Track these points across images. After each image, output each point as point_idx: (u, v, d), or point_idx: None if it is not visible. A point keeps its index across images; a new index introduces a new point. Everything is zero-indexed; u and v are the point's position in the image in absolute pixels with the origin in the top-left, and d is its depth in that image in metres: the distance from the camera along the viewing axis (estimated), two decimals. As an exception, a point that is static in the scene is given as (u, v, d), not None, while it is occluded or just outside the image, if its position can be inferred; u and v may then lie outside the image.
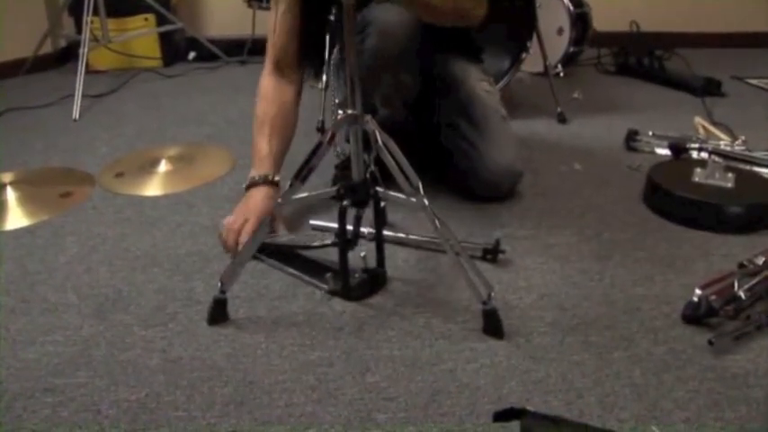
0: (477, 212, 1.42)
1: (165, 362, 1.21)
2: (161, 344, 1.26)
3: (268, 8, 2.70)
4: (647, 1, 3.48)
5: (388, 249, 1.52)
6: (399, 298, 1.40)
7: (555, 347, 1.24)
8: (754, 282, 1.35)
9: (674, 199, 1.73)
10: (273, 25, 1.73)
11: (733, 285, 1.33)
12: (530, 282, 1.45)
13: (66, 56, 3.52)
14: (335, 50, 1.96)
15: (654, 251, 1.58)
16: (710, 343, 1.21)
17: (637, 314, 1.34)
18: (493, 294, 1.26)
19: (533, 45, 2.49)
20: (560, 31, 3.01)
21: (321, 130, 2.30)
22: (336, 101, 2.01)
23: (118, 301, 1.40)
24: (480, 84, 1.84)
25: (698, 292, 1.31)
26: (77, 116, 2.63)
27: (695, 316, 1.29)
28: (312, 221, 1.69)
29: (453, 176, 1.86)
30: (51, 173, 2.12)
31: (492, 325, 1.27)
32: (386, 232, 1.59)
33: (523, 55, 2.44)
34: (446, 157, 1.86)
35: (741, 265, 1.42)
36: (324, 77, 2.31)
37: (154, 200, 1.89)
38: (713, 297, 1.29)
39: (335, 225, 1.63)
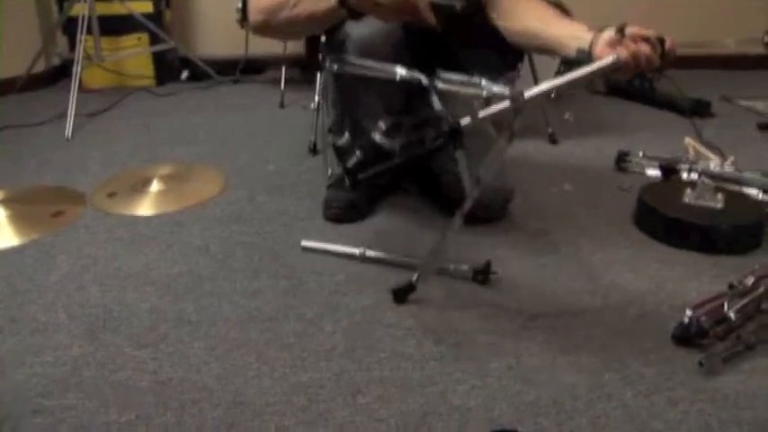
0: (467, 233, 1.42)
1: (155, 383, 1.21)
2: (152, 365, 1.26)
3: (253, 32, 2.73)
4: (637, 22, 3.51)
5: (378, 273, 1.53)
6: (390, 320, 1.39)
7: (546, 369, 1.24)
8: (744, 302, 1.35)
9: (664, 220, 1.74)
10: None
11: (723, 306, 1.33)
12: (520, 303, 1.45)
13: (60, 74, 3.52)
14: (324, 73, 1.95)
15: (644, 272, 1.58)
16: (701, 364, 1.22)
17: (628, 335, 1.34)
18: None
19: (524, 66, 2.51)
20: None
21: (314, 150, 2.30)
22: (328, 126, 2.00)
23: (109, 321, 1.40)
24: None
25: (688, 312, 1.31)
26: (70, 135, 2.62)
27: (686, 337, 1.29)
28: (304, 243, 1.68)
29: (441, 196, 1.87)
30: (43, 191, 2.12)
31: None
32: (375, 254, 1.61)
33: (514, 73, 2.45)
34: (435, 177, 1.87)
35: (731, 286, 1.42)
36: (316, 99, 2.32)
37: (146, 219, 1.89)
38: (703, 318, 1.29)
39: (328, 246, 1.66)
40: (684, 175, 2.06)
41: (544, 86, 1.31)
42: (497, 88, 1.27)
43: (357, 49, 1.58)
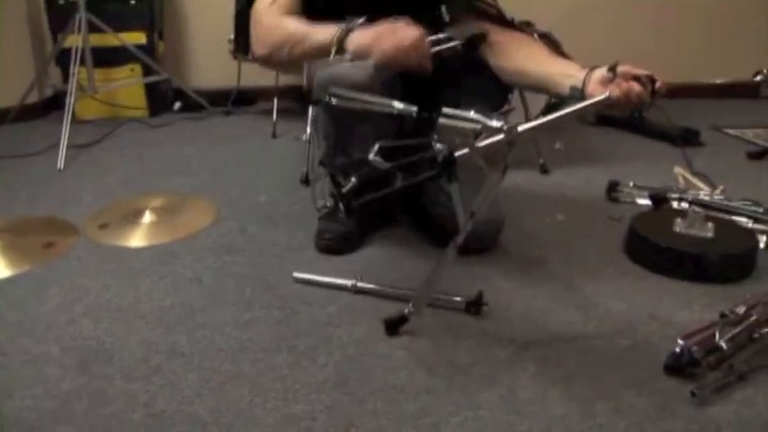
0: (459, 264, 1.43)
1: (147, 416, 1.20)
2: (144, 397, 1.25)
3: (253, 60, 2.76)
4: (625, 52, 3.55)
5: (370, 304, 1.53)
6: (382, 351, 1.39)
7: (538, 399, 1.24)
8: (735, 331, 1.35)
9: (654, 249, 1.75)
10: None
11: (715, 335, 1.34)
12: (513, 333, 1.45)
13: (53, 105, 3.53)
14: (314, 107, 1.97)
15: (636, 301, 1.59)
16: (693, 394, 1.22)
17: (620, 365, 1.34)
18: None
19: (515, 97, 2.53)
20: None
21: (306, 181, 2.31)
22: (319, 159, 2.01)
23: (100, 354, 1.39)
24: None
25: (680, 342, 1.32)
26: (62, 165, 2.63)
27: (677, 366, 1.29)
28: (296, 274, 1.68)
29: (433, 228, 1.87)
30: (35, 222, 2.11)
31: None
32: (367, 285, 1.61)
33: (506, 107, 2.47)
34: (427, 209, 1.87)
35: (722, 315, 1.43)
36: (308, 130, 2.33)
37: (138, 251, 1.89)
38: (695, 347, 1.30)
39: (320, 278, 1.66)
40: (675, 205, 2.08)
41: (537, 121, 1.33)
42: (491, 122, 1.28)
43: (351, 86, 1.58)
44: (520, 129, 1.28)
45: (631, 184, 2.28)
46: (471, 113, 1.31)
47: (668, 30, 3.91)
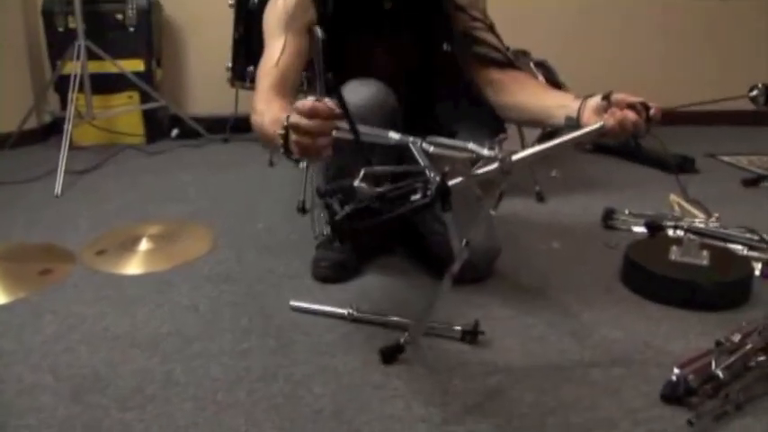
0: (455, 292, 1.43)
1: (142, 446, 1.20)
2: (138, 427, 1.24)
3: (251, 88, 2.78)
4: (621, 79, 3.58)
5: (367, 333, 1.53)
6: (378, 381, 1.39)
7: (535, 429, 1.23)
8: (731, 360, 1.35)
9: (650, 277, 1.75)
10: (275, 58, 1.67)
11: (711, 364, 1.34)
12: (509, 363, 1.45)
13: (51, 131, 3.55)
14: None
15: (632, 330, 1.59)
16: (690, 423, 1.21)
17: (616, 395, 1.34)
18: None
19: (510, 125, 2.54)
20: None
21: (302, 210, 2.31)
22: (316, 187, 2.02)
23: (95, 383, 1.38)
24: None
25: (676, 371, 1.31)
26: (60, 191, 2.64)
27: (674, 396, 1.29)
28: (292, 302, 1.68)
29: (429, 257, 1.88)
30: (31, 249, 2.11)
31: None
32: (364, 315, 1.61)
33: (501, 135, 2.49)
34: (423, 238, 1.88)
35: (718, 343, 1.43)
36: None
37: (134, 278, 1.89)
38: (691, 376, 1.29)
39: (317, 307, 1.66)
40: (670, 232, 2.09)
41: (532, 150, 1.34)
42: (486, 152, 1.29)
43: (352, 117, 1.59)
44: (514, 158, 1.28)
45: (627, 211, 2.29)
46: (468, 144, 1.31)
47: (662, 56, 3.96)
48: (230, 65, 3.07)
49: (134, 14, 3.41)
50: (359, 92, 1.67)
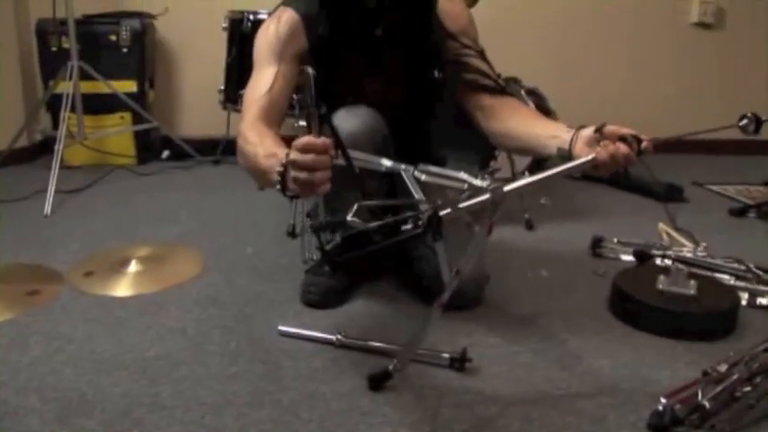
0: (444, 319, 1.43)
1: (127, 471, 1.19)
2: (124, 452, 1.24)
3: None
4: (611, 108, 3.62)
5: (355, 359, 1.53)
6: (366, 407, 1.38)
7: (522, 458, 1.24)
8: (718, 390, 1.35)
9: (638, 306, 1.76)
10: (266, 85, 1.68)
11: (697, 394, 1.34)
12: (496, 391, 1.45)
13: (42, 150, 3.54)
14: None
15: (619, 359, 1.59)
16: (676, 454, 1.22)
17: (603, 423, 1.34)
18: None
19: (501, 155, 2.57)
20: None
21: (292, 234, 2.31)
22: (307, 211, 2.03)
23: (82, 405, 1.37)
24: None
25: (663, 400, 1.32)
26: (49, 211, 2.63)
27: (661, 425, 1.29)
28: (281, 327, 1.68)
29: (419, 282, 1.88)
30: (19, 269, 2.10)
31: None
32: (352, 341, 1.61)
33: (492, 162, 2.51)
34: (413, 265, 1.88)
35: (705, 373, 1.43)
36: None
37: (123, 300, 1.88)
38: (678, 406, 1.30)
39: (305, 332, 1.66)
40: (658, 261, 2.10)
41: (523, 181, 1.35)
42: (477, 181, 1.30)
43: (346, 137, 1.59)
44: (505, 189, 1.29)
45: (615, 239, 2.30)
46: (460, 173, 1.32)
47: (650, 85, 4.01)
48: (222, 87, 3.09)
49: (128, 36, 3.42)
50: (350, 119, 1.68)
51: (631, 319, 1.77)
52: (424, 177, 1.34)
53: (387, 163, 1.40)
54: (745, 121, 1.41)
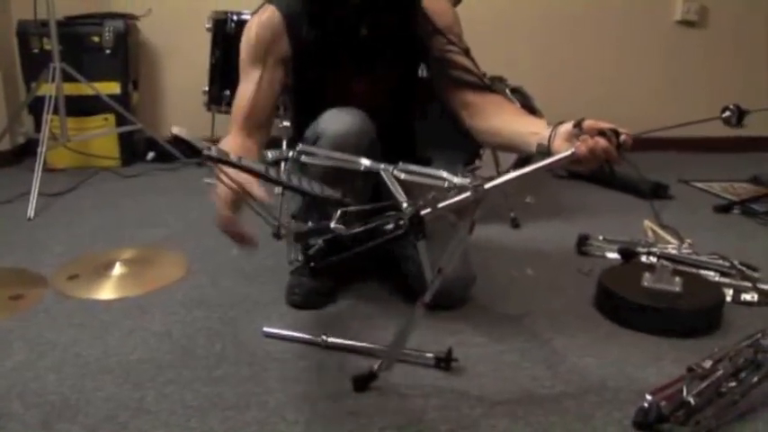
0: (429, 319, 1.44)
1: (111, 476, 1.18)
2: (108, 457, 1.23)
3: (227, 111, 2.77)
4: (597, 106, 3.63)
5: (340, 360, 1.53)
6: (351, 408, 1.38)
7: (508, 458, 1.24)
8: (702, 386, 1.35)
9: (623, 304, 1.76)
10: (249, 91, 1.74)
11: (682, 390, 1.34)
12: (482, 390, 1.45)
13: (25, 153, 3.51)
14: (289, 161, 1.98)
15: (605, 357, 1.60)
16: (662, 450, 1.22)
17: (590, 421, 1.34)
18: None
19: (486, 152, 2.57)
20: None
21: (278, 235, 2.29)
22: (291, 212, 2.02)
23: (65, 410, 1.36)
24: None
25: (648, 397, 1.32)
26: (32, 214, 2.61)
27: (646, 422, 1.30)
28: (266, 329, 1.68)
29: (404, 282, 1.88)
30: (2, 273, 2.08)
31: None
32: (337, 341, 1.61)
33: (476, 161, 2.51)
34: (398, 265, 1.88)
35: (690, 370, 1.43)
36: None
37: (107, 304, 1.87)
38: (663, 403, 1.30)
39: (290, 333, 1.65)
40: (643, 259, 2.11)
41: (504, 178, 1.34)
42: (459, 180, 1.30)
43: (331, 146, 1.60)
44: (486, 186, 1.29)
45: (601, 237, 2.31)
46: (440, 172, 1.32)
47: (636, 82, 4.03)
48: (207, 89, 3.08)
49: (111, 37, 3.39)
50: (337, 120, 1.68)
51: (617, 316, 1.77)
52: (403, 176, 1.33)
53: (365, 162, 1.40)
54: (727, 113, 1.41)
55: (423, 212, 1.25)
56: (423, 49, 1.79)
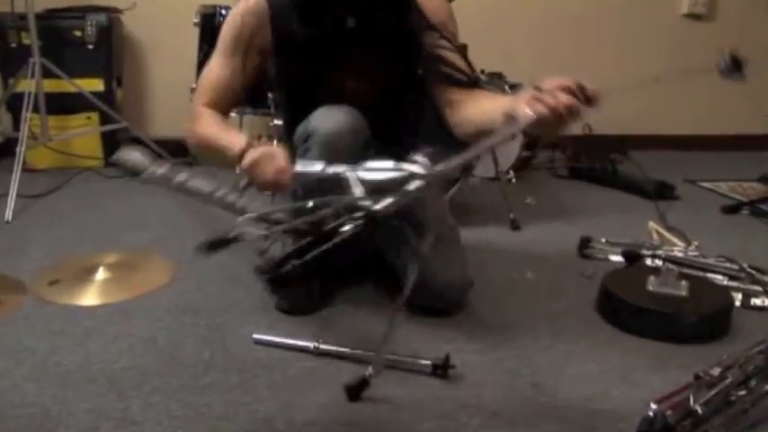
0: (425, 325, 1.40)
1: (93, 493, 1.13)
2: (91, 471, 1.18)
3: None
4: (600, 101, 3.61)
5: (333, 367, 1.50)
6: (344, 418, 1.35)
7: (510, 470, 1.20)
8: (710, 394, 1.31)
9: (627, 308, 1.73)
10: (225, 75, 1.79)
11: (689, 399, 1.30)
12: (481, 398, 1.42)
13: (2, 153, 3.43)
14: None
15: (608, 363, 1.57)
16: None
17: (592, 431, 1.31)
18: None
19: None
20: (512, 136, 3.07)
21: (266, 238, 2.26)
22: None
23: (45, 422, 1.31)
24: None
25: (653, 406, 1.28)
26: (10, 217, 2.55)
27: (651, 432, 1.26)
28: (255, 336, 1.63)
29: (398, 288, 1.82)
30: (-21, 279, 2.03)
31: None
32: (329, 348, 1.57)
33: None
34: (391, 269, 1.83)
35: (697, 377, 1.39)
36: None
37: (90, 310, 1.82)
38: (669, 412, 1.26)
39: (281, 340, 1.60)
40: (648, 262, 2.07)
41: (459, 157, 1.33)
42: (417, 168, 1.29)
43: (323, 145, 1.59)
44: (438, 168, 1.29)
45: (604, 239, 2.27)
46: (399, 164, 1.31)
47: (641, 77, 3.99)
48: (194, 86, 3.02)
49: (93, 31, 3.32)
50: (329, 118, 1.64)
51: (620, 321, 1.74)
52: (367, 176, 1.30)
53: (329, 170, 1.37)
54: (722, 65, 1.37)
55: (376, 207, 1.24)
56: (416, 45, 1.75)
